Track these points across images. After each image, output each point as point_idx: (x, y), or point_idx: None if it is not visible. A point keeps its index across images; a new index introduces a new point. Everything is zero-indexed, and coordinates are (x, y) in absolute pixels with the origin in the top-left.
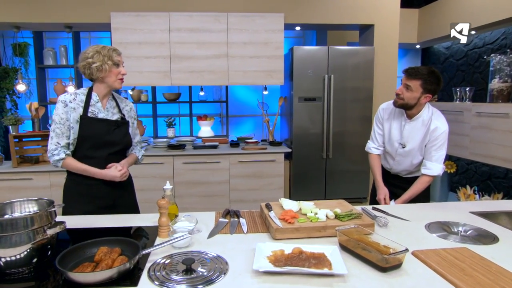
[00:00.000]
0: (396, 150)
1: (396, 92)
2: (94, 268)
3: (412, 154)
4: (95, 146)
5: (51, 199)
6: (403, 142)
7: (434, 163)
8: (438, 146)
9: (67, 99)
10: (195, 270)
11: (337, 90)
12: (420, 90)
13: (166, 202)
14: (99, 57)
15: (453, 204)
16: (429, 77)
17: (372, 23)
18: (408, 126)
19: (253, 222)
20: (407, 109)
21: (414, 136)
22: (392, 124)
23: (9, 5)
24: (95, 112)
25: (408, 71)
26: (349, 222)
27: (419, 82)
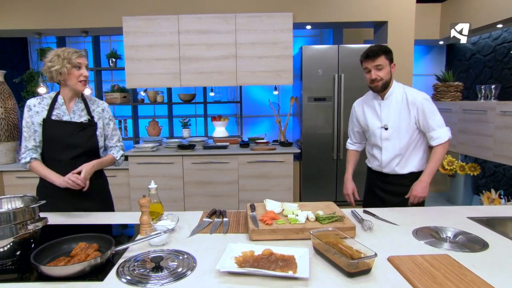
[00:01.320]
0: (381, 136)
1: (371, 78)
2: (67, 262)
3: (398, 134)
4: (59, 149)
5: (35, 196)
6: (384, 124)
7: (437, 130)
8: (430, 113)
9: (31, 103)
10: (163, 267)
11: (347, 90)
12: (387, 63)
13: (146, 201)
14: (58, 60)
15: (451, 209)
16: (386, 48)
17: (386, 19)
18: (384, 106)
19: (237, 223)
20: (386, 87)
21: (393, 113)
22: (367, 113)
23: (31, 13)
24: (59, 115)
25: (370, 53)
26: (329, 225)
27: (383, 57)
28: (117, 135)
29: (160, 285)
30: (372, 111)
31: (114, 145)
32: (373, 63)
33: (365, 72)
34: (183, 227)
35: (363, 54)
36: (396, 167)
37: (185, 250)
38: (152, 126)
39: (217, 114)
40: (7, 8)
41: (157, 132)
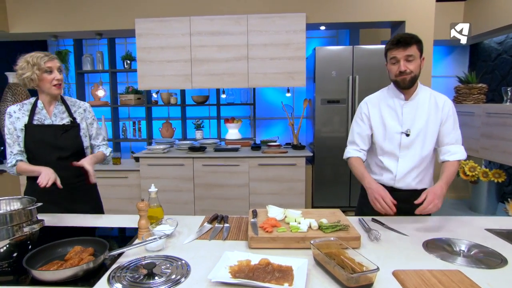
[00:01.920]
0: (400, 144)
1: (400, 70)
2: (60, 266)
3: (421, 141)
4: (44, 153)
5: (33, 198)
6: (406, 129)
7: (457, 145)
8: (454, 123)
9: (11, 110)
10: (156, 274)
11: (362, 92)
12: (418, 55)
13: (145, 205)
14: (28, 67)
15: (468, 219)
16: (418, 38)
17: (403, 19)
18: (408, 107)
19: (238, 229)
20: (413, 84)
21: (419, 117)
22: (385, 114)
23: (47, 17)
24: (41, 120)
25: (402, 40)
26: (332, 234)
27: (415, 46)
28: (102, 134)
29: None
30: (392, 112)
31: (100, 143)
32: (404, 52)
33: (390, 63)
34: (182, 232)
35: (392, 41)
36: (413, 181)
37: (180, 257)
38: (166, 127)
39: (230, 116)
40: (25, 12)
41: (170, 134)
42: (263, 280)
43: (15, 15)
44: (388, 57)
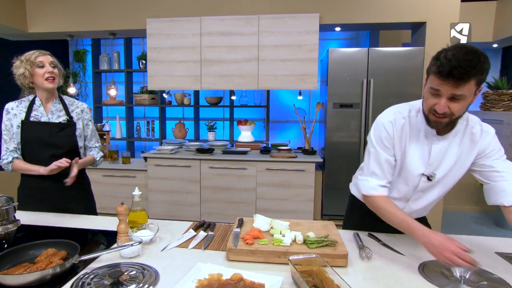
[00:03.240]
0: (417, 187)
1: (436, 109)
2: (26, 270)
3: (442, 187)
4: (39, 149)
5: (11, 196)
6: (431, 172)
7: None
8: (501, 155)
9: (9, 106)
10: (122, 283)
11: (377, 96)
12: (473, 90)
13: (124, 209)
14: (21, 64)
15: (478, 240)
16: (483, 65)
17: (424, 20)
18: (438, 146)
19: (222, 238)
20: (453, 127)
21: (449, 157)
22: (410, 148)
23: (64, 16)
24: (38, 116)
25: (455, 73)
26: (317, 250)
27: (474, 81)
28: (96, 136)
29: None
30: (419, 148)
31: (93, 145)
32: (453, 90)
33: (429, 91)
34: (164, 238)
35: (442, 68)
36: (421, 210)
37: (153, 266)
38: (178, 128)
39: (243, 118)
40: (43, 12)
41: (183, 135)
42: None
43: (34, 15)
44: (429, 81)
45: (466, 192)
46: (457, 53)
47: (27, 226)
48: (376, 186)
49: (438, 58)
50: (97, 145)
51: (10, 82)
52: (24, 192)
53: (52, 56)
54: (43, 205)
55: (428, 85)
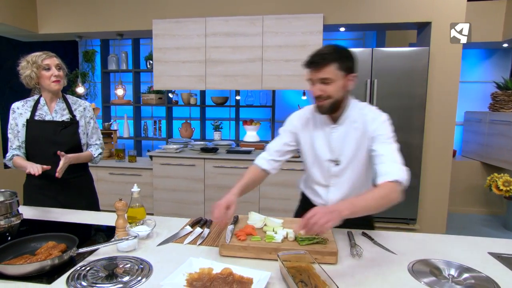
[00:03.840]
0: (328, 171)
1: (314, 95)
2: (26, 261)
3: (352, 171)
4: (43, 147)
5: (14, 191)
6: (335, 157)
7: (389, 163)
8: (386, 139)
9: (15, 106)
10: (117, 276)
11: (381, 97)
12: (340, 75)
13: (122, 205)
14: (27, 66)
15: (473, 240)
16: (341, 53)
17: (429, 20)
18: (337, 133)
19: (217, 235)
20: (336, 109)
21: (349, 144)
22: (314, 137)
23: (73, 18)
24: (42, 115)
25: (313, 61)
26: (307, 247)
27: (333, 66)
28: (97, 133)
29: None
30: (322, 136)
31: (93, 143)
32: (318, 74)
33: (309, 83)
34: (161, 233)
35: (307, 59)
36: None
37: (148, 260)
38: (185, 127)
39: (248, 118)
40: (53, 14)
41: (189, 134)
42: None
43: (44, 17)
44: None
45: (473, 194)
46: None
47: (30, 220)
48: (261, 158)
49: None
50: (98, 142)
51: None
52: (29, 188)
53: (58, 58)
54: (47, 201)
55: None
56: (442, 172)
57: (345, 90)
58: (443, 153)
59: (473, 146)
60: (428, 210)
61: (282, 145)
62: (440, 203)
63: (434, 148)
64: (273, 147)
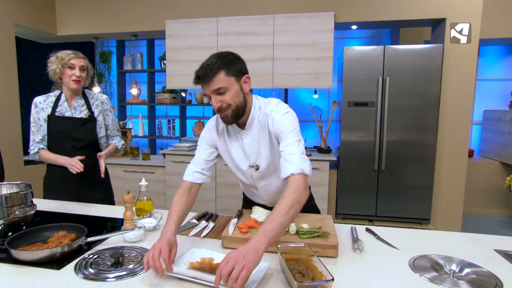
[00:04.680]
0: (252, 176)
1: (214, 108)
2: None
3: (275, 171)
4: (62, 142)
5: (29, 183)
6: (253, 162)
7: (287, 157)
8: (287, 134)
9: (37, 100)
10: (122, 263)
11: (393, 95)
12: (232, 80)
13: (130, 198)
14: (55, 61)
15: (479, 238)
16: (224, 60)
17: (443, 16)
18: (248, 138)
19: (222, 228)
20: (240, 115)
21: (262, 146)
22: (230, 147)
23: (90, 19)
24: (62, 111)
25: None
26: (308, 240)
27: (222, 74)
28: (116, 125)
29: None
30: (237, 145)
31: (114, 134)
32: (210, 87)
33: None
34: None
35: (194, 77)
36: None
37: None
38: (198, 126)
39: None
40: (70, 16)
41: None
42: None
43: (62, 19)
44: None
45: (492, 194)
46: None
47: (44, 212)
48: (192, 172)
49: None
50: (118, 133)
51: (42, 82)
52: (49, 181)
53: (86, 60)
54: (65, 193)
55: None
56: (457, 172)
57: (243, 94)
58: (458, 152)
59: (492, 145)
60: (442, 210)
61: (207, 155)
62: (455, 203)
63: (449, 147)
64: (199, 159)
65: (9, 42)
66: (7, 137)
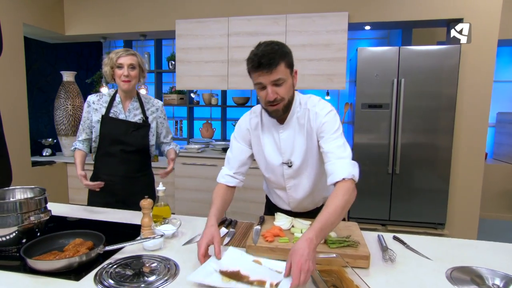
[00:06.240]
0: (283, 175)
1: (267, 100)
2: (55, 257)
3: (307, 171)
4: (113, 145)
5: (43, 188)
6: (287, 159)
7: (335, 161)
8: (331, 134)
9: (91, 100)
10: (143, 274)
11: (408, 96)
12: (288, 73)
13: (148, 203)
14: (106, 62)
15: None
16: (284, 48)
17: (460, 16)
18: (285, 134)
19: (243, 235)
20: (288, 109)
21: (298, 143)
22: (264, 143)
23: (98, 19)
24: (116, 113)
25: (262, 63)
26: (337, 250)
27: (283, 65)
28: (170, 132)
29: None
30: (271, 141)
31: (169, 141)
32: (270, 77)
33: (257, 87)
34: (186, 233)
35: (253, 62)
36: (310, 204)
37: (174, 259)
38: (206, 128)
39: None
40: (79, 15)
41: (210, 134)
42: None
43: (71, 18)
44: (253, 81)
45: (506, 199)
46: (259, 48)
47: (58, 217)
48: (225, 175)
49: (248, 58)
50: (172, 141)
51: (49, 82)
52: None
53: (137, 57)
54: (109, 196)
55: (254, 83)
56: (474, 175)
57: (293, 90)
58: (474, 155)
59: (506, 148)
60: (458, 215)
61: (240, 154)
62: (471, 208)
63: (465, 150)
64: (233, 159)
65: (18, 42)
66: (15, 137)
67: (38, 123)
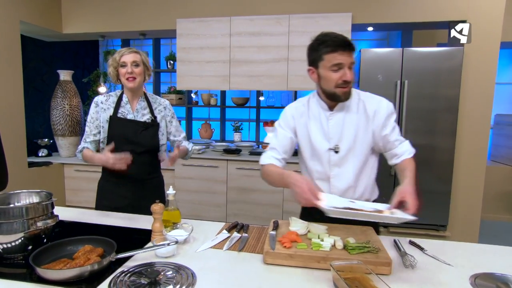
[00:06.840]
0: (328, 162)
1: (346, 79)
2: (65, 265)
3: (353, 159)
4: (122, 145)
5: (50, 192)
6: (334, 145)
7: (402, 145)
8: (394, 127)
9: (99, 100)
10: (159, 284)
11: (411, 98)
12: None
13: (159, 208)
14: (111, 63)
15: None
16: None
17: (463, 18)
18: (334, 119)
19: (256, 240)
20: None
21: (347, 129)
22: (310, 129)
23: (96, 17)
24: (124, 113)
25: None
26: (358, 256)
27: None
28: (181, 130)
29: None
30: (318, 126)
31: (182, 139)
32: (350, 58)
33: (330, 70)
34: (198, 238)
35: (335, 42)
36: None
37: (189, 266)
38: (204, 128)
39: (269, 120)
40: (77, 13)
41: (209, 135)
42: None
43: (68, 16)
44: (325, 62)
45: (505, 200)
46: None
47: (64, 222)
48: (270, 156)
49: (323, 42)
50: (185, 139)
51: (44, 81)
52: (104, 185)
53: (139, 54)
54: (119, 198)
55: (326, 66)
56: (475, 177)
57: None
58: (476, 157)
59: (504, 150)
60: (459, 216)
61: (285, 140)
62: (473, 210)
63: (468, 152)
64: (278, 145)
65: (15, 40)
66: (11, 138)
67: (34, 123)
